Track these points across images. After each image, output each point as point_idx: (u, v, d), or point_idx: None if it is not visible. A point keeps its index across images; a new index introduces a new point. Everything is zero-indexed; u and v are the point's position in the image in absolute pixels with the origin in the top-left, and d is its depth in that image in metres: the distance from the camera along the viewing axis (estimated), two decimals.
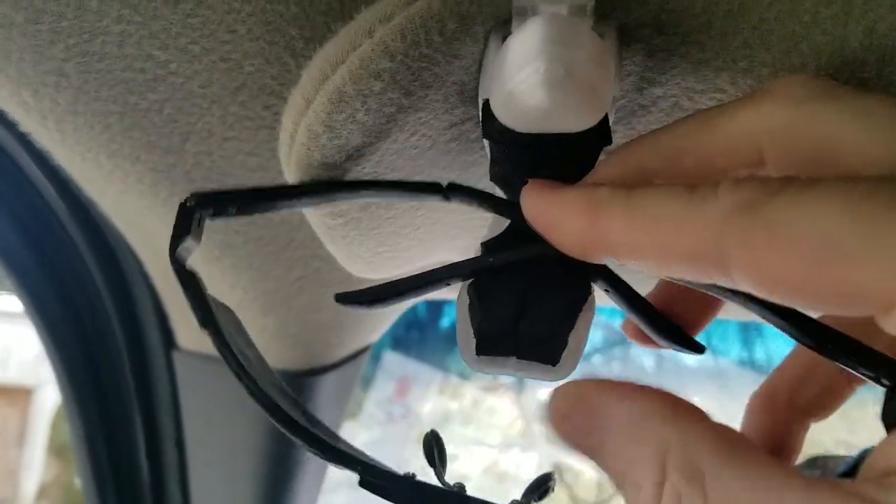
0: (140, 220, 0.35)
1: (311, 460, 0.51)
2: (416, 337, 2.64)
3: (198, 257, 0.35)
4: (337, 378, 0.47)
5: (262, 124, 0.29)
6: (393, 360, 2.41)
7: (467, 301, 0.21)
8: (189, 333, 0.45)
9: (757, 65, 0.20)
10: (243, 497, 0.50)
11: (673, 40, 0.21)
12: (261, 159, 0.31)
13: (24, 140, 0.30)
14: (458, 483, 0.20)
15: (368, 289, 0.23)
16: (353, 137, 0.22)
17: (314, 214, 0.27)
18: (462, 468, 2.72)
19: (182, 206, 0.20)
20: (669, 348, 0.26)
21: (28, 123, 0.28)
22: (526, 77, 0.16)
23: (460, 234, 0.34)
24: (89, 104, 0.26)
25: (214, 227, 0.34)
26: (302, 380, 0.44)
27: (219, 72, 0.25)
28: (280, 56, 0.24)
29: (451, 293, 0.29)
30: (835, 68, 0.19)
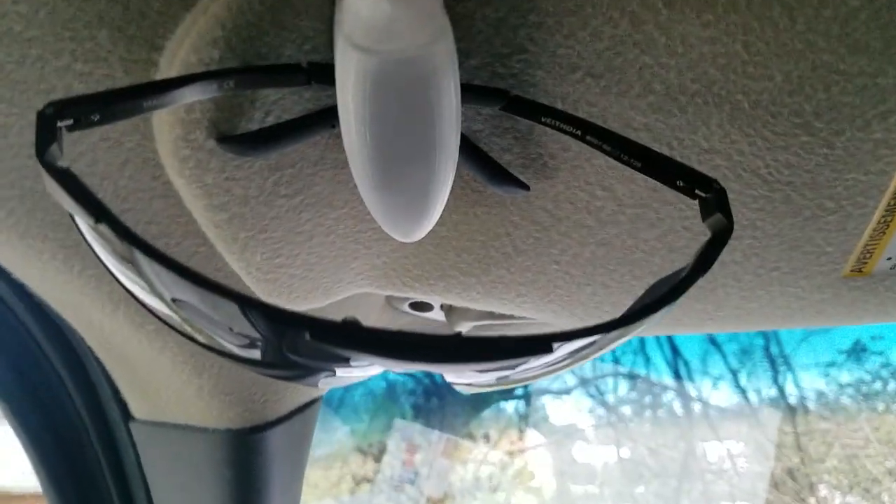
0: (66, 296, 0.38)
1: None
2: (435, 404, 2.61)
3: (124, 324, 0.39)
4: (285, 433, 0.48)
5: (155, 194, 0.33)
6: (406, 427, 2.38)
7: None
8: (139, 403, 0.48)
9: (543, 15, 0.23)
10: None
11: (468, 5, 0.24)
12: (160, 227, 0.34)
13: None
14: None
15: (247, 133, 0.25)
16: (207, 114, 0.24)
17: (202, 215, 0.29)
18: None
19: (40, 116, 0.19)
20: (499, 191, 0.30)
21: None
22: None
23: (358, 251, 0.36)
24: None
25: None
26: (247, 437, 0.46)
27: None
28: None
29: None
30: None
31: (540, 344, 0.17)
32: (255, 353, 0.19)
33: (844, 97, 0.26)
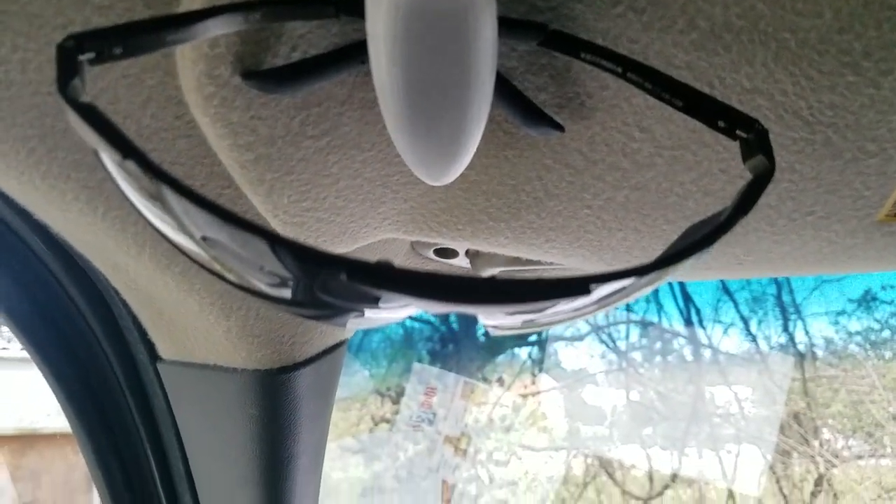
0: (90, 238, 0.38)
1: (303, 454, 0.53)
2: (451, 350, 2.66)
3: (150, 266, 0.39)
4: (312, 374, 0.49)
5: (179, 134, 0.32)
6: (424, 371, 2.44)
7: None
8: (166, 344, 0.48)
9: None
10: (245, 497, 0.52)
11: None
12: (185, 168, 0.34)
13: None
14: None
15: (274, 68, 0.25)
16: (232, 48, 0.24)
17: (228, 155, 0.29)
18: (510, 474, 2.71)
19: (60, 49, 0.18)
20: (533, 132, 0.30)
21: None
22: None
23: (386, 195, 0.36)
24: (9, 131, 0.29)
25: (156, 235, 0.37)
26: (275, 378, 0.47)
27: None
28: None
29: None
30: None
31: (577, 286, 0.17)
32: (286, 293, 0.18)
33: (895, 35, 0.25)
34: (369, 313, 0.20)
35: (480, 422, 2.52)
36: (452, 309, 0.18)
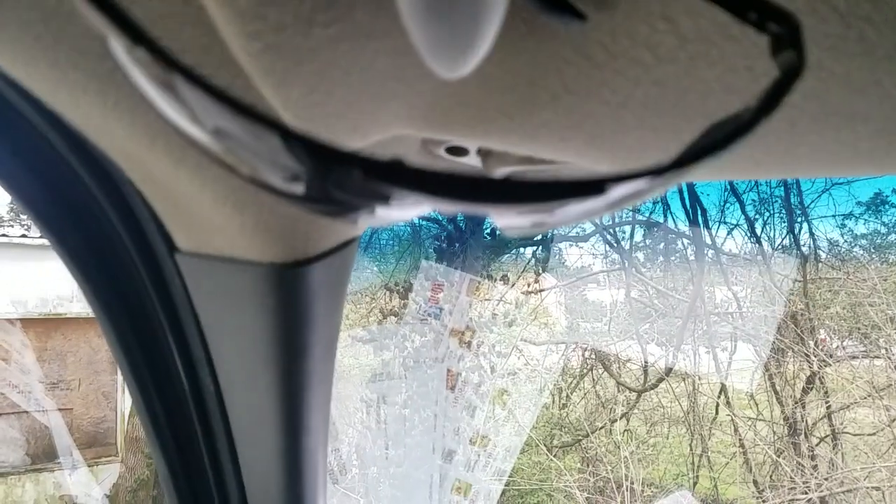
0: (102, 128, 0.38)
1: (318, 344, 0.55)
2: (458, 248, 2.70)
3: (162, 158, 0.39)
4: (326, 268, 0.50)
5: (187, 20, 0.31)
6: (431, 268, 2.49)
7: None
8: (183, 235, 0.49)
9: None
10: (263, 381, 0.55)
11: None
12: (193, 56, 0.33)
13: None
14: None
15: None
16: None
17: (236, 43, 0.28)
18: (511, 365, 2.84)
19: None
20: (554, 19, 0.29)
21: None
22: None
23: (397, 89, 0.35)
24: (10, 13, 0.28)
25: (170, 127, 0.37)
26: (290, 271, 0.48)
27: None
28: None
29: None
30: None
31: (593, 186, 0.17)
32: (299, 188, 0.18)
33: None
34: (380, 211, 0.20)
35: (484, 317, 2.61)
36: (466, 209, 0.18)
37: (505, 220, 0.22)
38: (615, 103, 0.34)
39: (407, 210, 0.21)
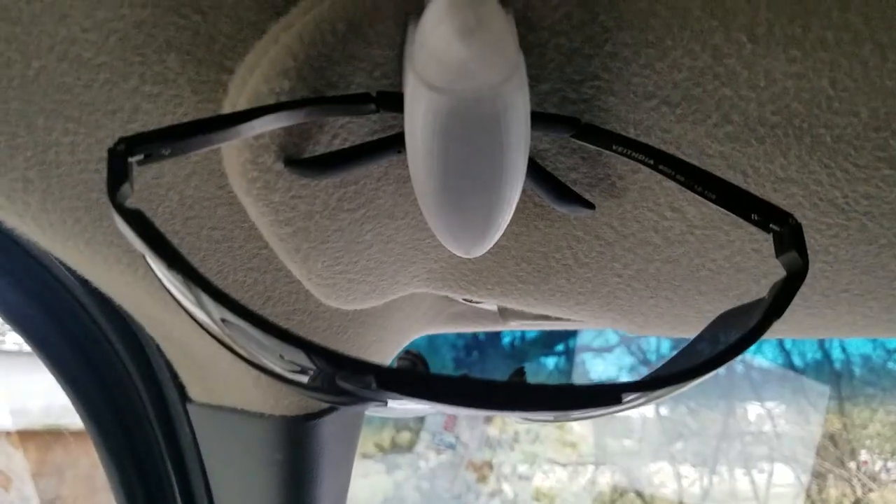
0: (129, 294, 0.39)
1: (325, 499, 0.54)
2: (476, 357, 2.65)
3: (185, 322, 0.39)
4: (337, 421, 0.50)
5: (220, 202, 0.33)
6: None
7: None
8: (196, 387, 0.49)
9: (620, 46, 0.22)
10: None
11: (541, 35, 0.23)
12: (224, 232, 0.34)
13: None
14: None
15: (315, 156, 0.26)
16: (275, 139, 0.24)
17: (267, 229, 0.29)
18: (535, 488, 2.69)
19: (111, 152, 0.19)
20: (564, 210, 0.30)
21: (8, 220, 0.32)
22: (443, 30, 0.18)
23: (416, 256, 0.36)
24: (57, 203, 0.30)
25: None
26: (302, 424, 0.47)
27: None
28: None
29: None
30: None
31: (609, 395, 0.17)
32: (303, 378, 0.19)
33: None
34: (393, 404, 0.20)
35: (507, 433, 2.51)
36: (481, 414, 0.18)
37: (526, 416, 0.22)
38: (627, 276, 0.34)
39: (416, 410, 0.21)
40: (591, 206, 0.29)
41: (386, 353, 0.54)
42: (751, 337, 0.20)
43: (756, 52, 0.22)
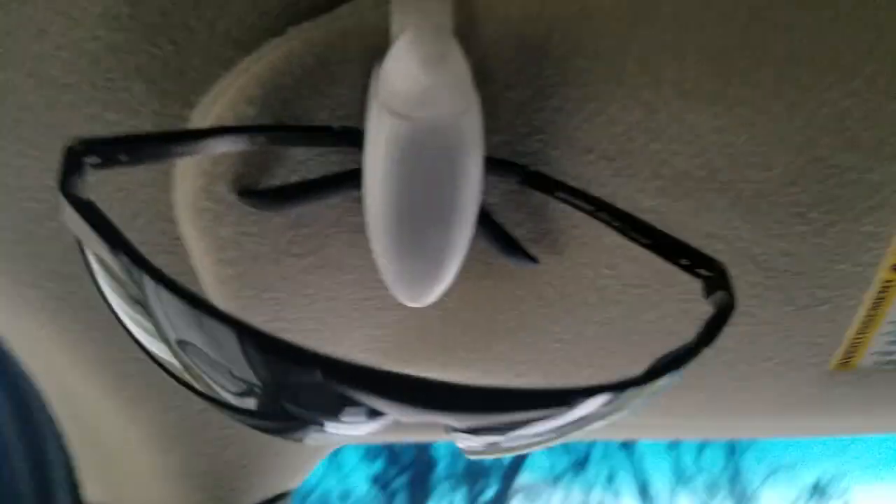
0: (44, 354, 0.36)
1: None
2: None
3: (98, 389, 0.36)
4: None
5: (161, 249, 0.32)
6: None
7: None
8: (94, 485, 0.44)
9: (563, 101, 0.24)
10: None
11: (494, 87, 0.25)
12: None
13: None
14: None
15: (269, 188, 0.26)
16: (232, 167, 0.24)
17: (209, 269, 0.28)
18: None
19: (68, 150, 0.19)
20: (510, 261, 0.31)
21: None
22: (408, 60, 0.19)
23: (361, 320, 0.35)
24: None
25: (111, 356, 0.35)
26: None
27: None
28: None
29: None
30: None
31: (558, 397, 0.17)
32: (251, 402, 0.18)
33: (838, 190, 0.28)
34: (330, 426, 0.19)
35: None
36: (424, 418, 0.17)
37: (462, 441, 0.21)
38: (566, 340, 0.35)
39: (355, 427, 0.20)
40: (534, 259, 0.31)
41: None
42: (683, 358, 0.21)
43: (684, 107, 0.25)
